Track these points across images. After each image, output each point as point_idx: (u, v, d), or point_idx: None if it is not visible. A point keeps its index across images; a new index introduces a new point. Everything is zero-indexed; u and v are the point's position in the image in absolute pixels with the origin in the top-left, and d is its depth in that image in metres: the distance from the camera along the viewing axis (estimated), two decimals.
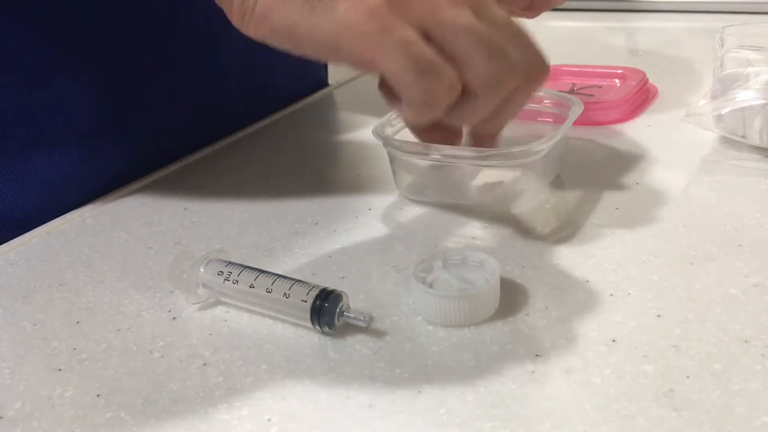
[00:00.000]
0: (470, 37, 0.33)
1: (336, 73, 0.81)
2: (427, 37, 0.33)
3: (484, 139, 0.42)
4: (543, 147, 0.43)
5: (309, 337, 0.36)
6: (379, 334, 0.35)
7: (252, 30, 0.36)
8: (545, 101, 0.52)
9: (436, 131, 0.41)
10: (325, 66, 0.79)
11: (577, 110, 0.47)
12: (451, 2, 0.33)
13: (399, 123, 0.49)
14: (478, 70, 0.34)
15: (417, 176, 0.48)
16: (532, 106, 0.54)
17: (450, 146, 0.43)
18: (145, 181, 0.56)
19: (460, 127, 0.43)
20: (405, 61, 0.33)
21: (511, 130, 0.42)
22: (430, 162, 0.46)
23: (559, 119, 0.50)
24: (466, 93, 0.35)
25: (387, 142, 0.45)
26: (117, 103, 0.54)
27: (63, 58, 0.51)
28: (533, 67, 0.36)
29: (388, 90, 0.38)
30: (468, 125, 0.40)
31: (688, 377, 0.31)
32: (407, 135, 0.47)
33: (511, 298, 0.37)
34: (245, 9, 0.36)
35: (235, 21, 0.37)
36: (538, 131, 0.48)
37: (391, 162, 0.48)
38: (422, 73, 0.33)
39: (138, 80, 0.55)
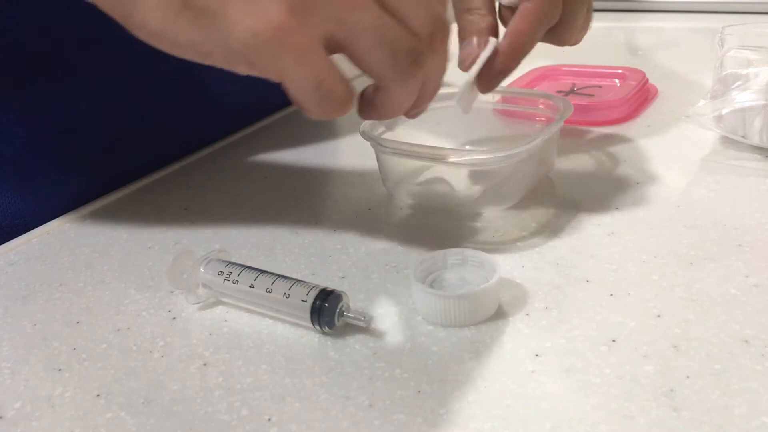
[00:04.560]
0: (369, 38, 0.32)
1: None
2: (332, 39, 0.32)
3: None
4: (529, 147, 0.43)
5: (309, 337, 0.36)
6: (379, 334, 0.35)
7: (156, 45, 0.33)
8: (538, 104, 0.52)
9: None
10: None
11: (566, 112, 0.47)
12: (354, 1, 0.32)
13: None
14: (380, 71, 0.33)
15: (404, 176, 0.48)
16: (527, 108, 0.53)
17: (437, 147, 0.43)
18: (144, 181, 0.56)
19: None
20: (309, 87, 0.32)
21: (509, 130, 0.42)
22: (417, 162, 0.45)
23: (551, 121, 0.50)
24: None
25: (374, 141, 0.45)
26: (116, 105, 0.54)
27: (64, 61, 0.51)
28: (435, 38, 0.34)
29: None
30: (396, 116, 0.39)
31: (688, 377, 0.31)
32: (395, 135, 0.47)
33: (511, 298, 0.37)
34: (135, 27, 0.32)
35: (136, 35, 0.33)
36: (529, 131, 0.48)
37: (378, 161, 0.48)
38: (323, 98, 0.33)
39: (136, 81, 0.55)
